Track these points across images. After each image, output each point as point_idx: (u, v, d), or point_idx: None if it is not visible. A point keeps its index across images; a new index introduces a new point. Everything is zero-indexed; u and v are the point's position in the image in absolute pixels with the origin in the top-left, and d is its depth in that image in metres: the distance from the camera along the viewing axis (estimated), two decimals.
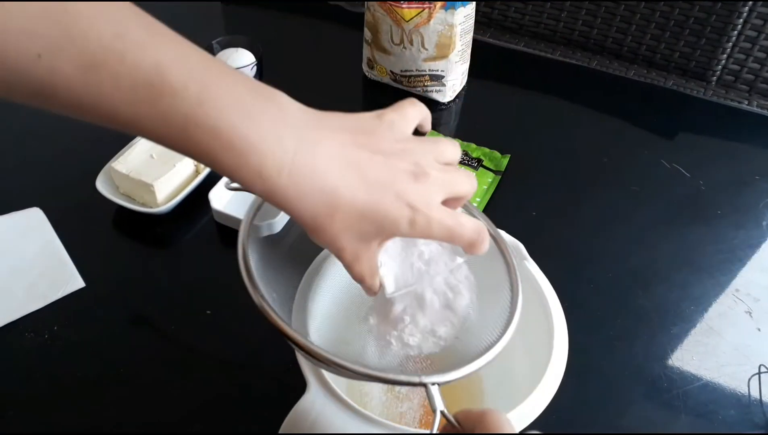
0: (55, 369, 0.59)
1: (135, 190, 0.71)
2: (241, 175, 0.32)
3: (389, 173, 0.35)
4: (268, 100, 0.33)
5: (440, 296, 0.47)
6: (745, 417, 0.57)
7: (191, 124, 0.31)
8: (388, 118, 0.38)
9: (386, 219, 0.35)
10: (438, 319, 0.45)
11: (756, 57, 0.92)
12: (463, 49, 0.84)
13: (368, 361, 0.44)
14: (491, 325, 0.45)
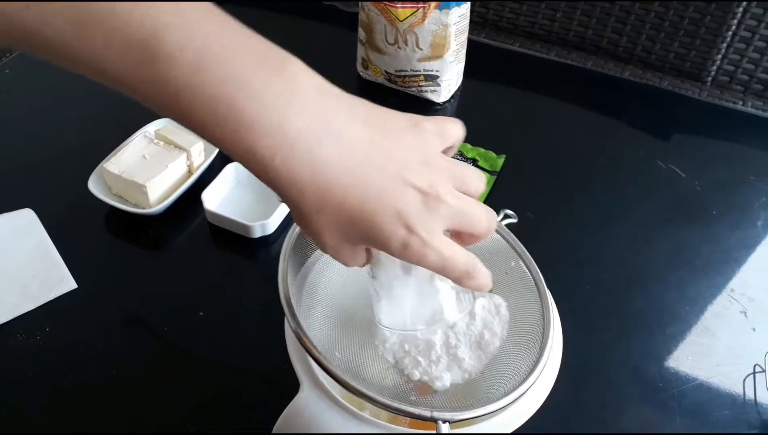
0: (46, 371, 0.59)
1: (127, 190, 0.71)
2: (233, 152, 0.30)
3: (398, 187, 0.32)
4: (277, 71, 0.30)
5: (472, 334, 0.47)
6: (740, 417, 0.57)
7: (185, 93, 0.28)
8: (422, 126, 0.34)
9: (377, 234, 0.32)
10: (467, 354, 0.46)
11: (750, 57, 0.92)
12: (457, 49, 0.84)
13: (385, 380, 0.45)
14: (516, 365, 0.45)
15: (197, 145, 0.74)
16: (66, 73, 0.99)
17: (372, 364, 0.45)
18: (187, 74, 0.28)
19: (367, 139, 0.32)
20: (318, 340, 0.41)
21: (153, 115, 0.80)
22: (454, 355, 0.46)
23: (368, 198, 0.31)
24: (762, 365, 0.60)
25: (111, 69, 0.28)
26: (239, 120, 0.29)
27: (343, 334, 0.48)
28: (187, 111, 0.29)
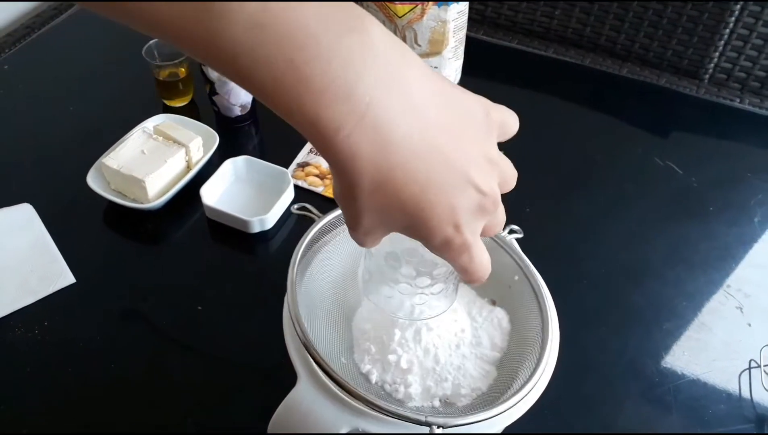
0: (45, 365, 0.59)
1: (126, 185, 0.71)
2: (295, 121, 0.27)
3: (460, 183, 0.29)
4: (349, 30, 0.26)
5: (476, 348, 0.48)
6: (735, 411, 0.57)
7: (243, 51, 0.25)
8: (495, 118, 0.32)
9: (424, 225, 0.30)
10: (472, 368, 0.47)
11: (748, 55, 0.93)
12: (456, 45, 0.84)
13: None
14: (513, 373, 0.46)
15: (196, 141, 0.74)
16: (65, 69, 0.99)
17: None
18: (245, 31, 0.24)
19: (440, 123, 0.28)
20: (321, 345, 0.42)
21: (152, 111, 0.80)
22: (462, 370, 0.47)
23: (429, 189, 0.29)
24: (757, 360, 0.60)
25: (168, 22, 0.25)
26: (302, 84, 0.25)
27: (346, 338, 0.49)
28: (246, 72, 0.26)
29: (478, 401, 0.47)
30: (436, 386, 0.47)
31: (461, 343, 0.49)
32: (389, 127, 0.27)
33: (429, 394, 0.47)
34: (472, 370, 0.48)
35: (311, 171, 0.77)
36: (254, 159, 0.75)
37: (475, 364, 0.49)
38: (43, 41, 0.97)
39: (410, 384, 0.47)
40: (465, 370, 0.48)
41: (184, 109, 0.85)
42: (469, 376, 0.48)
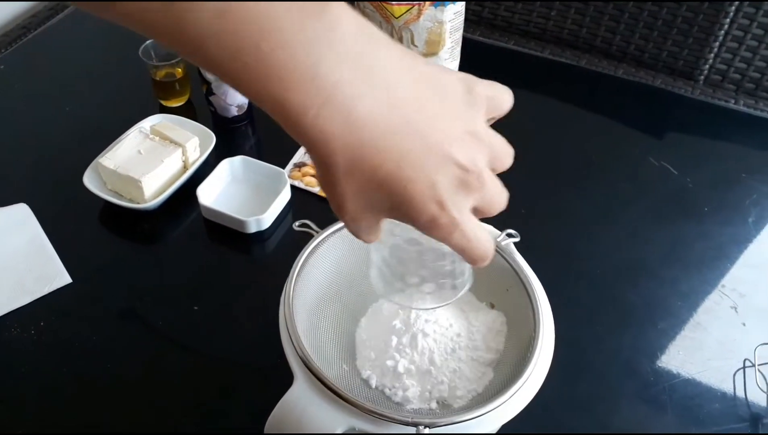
0: (41, 365, 0.59)
1: (122, 185, 0.71)
2: (263, 105, 0.27)
3: (438, 158, 0.29)
4: (315, 14, 0.26)
5: (472, 350, 0.49)
6: (730, 411, 0.58)
7: (210, 40, 0.25)
8: (476, 91, 0.31)
9: (407, 204, 0.29)
10: (468, 370, 0.48)
11: (743, 56, 0.93)
12: (452, 46, 0.84)
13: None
14: (505, 375, 0.47)
15: (192, 141, 0.74)
16: (61, 69, 0.99)
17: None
18: (211, 19, 0.25)
19: (412, 98, 0.28)
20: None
21: (149, 111, 0.80)
22: (458, 372, 0.48)
23: (405, 165, 0.28)
24: (752, 360, 0.61)
25: (136, 12, 0.26)
26: (268, 69, 0.26)
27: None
28: (214, 60, 0.26)
29: (473, 402, 0.47)
30: (433, 389, 0.48)
31: (457, 346, 0.50)
32: (356, 105, 0.27)
33: (426, 396, 0.48)
34: (468, 372, 0.49)
35: (308, 171, 0.77)
36: (251, 159, 0.75)
37: (471, 366, 0.49)
38: (40, 41, 0.97)
39: (408, 387, 0.48)
40: (461, 372, 0.49)
41: (181, 109, 0.85)
42: (464, 378, 0.49)
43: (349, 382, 0.48)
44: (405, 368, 0.48)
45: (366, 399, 0.41)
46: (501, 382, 0.47)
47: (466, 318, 0.52)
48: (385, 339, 0.49)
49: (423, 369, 0.48)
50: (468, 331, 0.51)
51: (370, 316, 0.53)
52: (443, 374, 0.48)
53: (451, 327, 0.50)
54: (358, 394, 0.44)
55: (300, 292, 0.48)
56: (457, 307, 0.52)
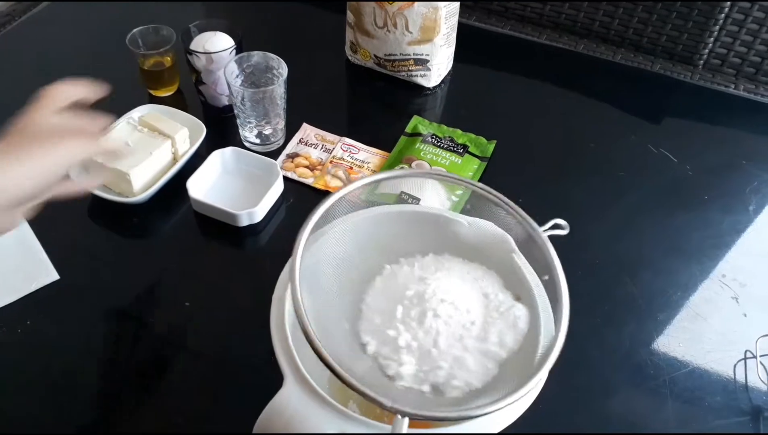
0: (28, 365, 0.58)
1: (110, 179, 0.69)
2: None
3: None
4: None
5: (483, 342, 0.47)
6: (731, 403, 0.57)
7: None
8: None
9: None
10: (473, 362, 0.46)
11: (743, 40, 0.92)
12: (448, 32, 0.82)
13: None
14: (512, 377, 0.45)
15: (182, 132, 0.72)
16: (46, 58, 0.97)
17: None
18: None
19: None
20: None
21: (137, 101, 0.78)
22: (459, 361, 0.46)
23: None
24: (753, 351, 0.60)
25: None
26: None
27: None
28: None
29: (468, 396, 0.46)
30: (430, 371, 0.46)
31: (466, 334, 0.48)
32: None
33: (421, 377, 0.46)
34: (471, 363, 0.47)
35: (301, 162, 0.76)
36: (242, 150, 0.73)
37: (475, 358, 0.47)
38: (24, 30, 0.95)
39: (403, 363, 0.46)
40: (463, 362, 0.47)
41: (171, 98, 0.83)
42: (465, 369, 0.47)
43: (347, 343, 0.46)
44: (406, 343, 0.46)
45: (357, 365, 0.39)
46: (504, 381, 0.46)
47: (486, 306, 0.50)
48: (394, 308, 0.47)
49: (425, 348, 0.46)
50: (484, 321, 0.49)
51: (384, 279, 0.51)
52: (444, 359, 0.47)
53: (467, 313, 0.48)
54: (351, 357, 0.43)
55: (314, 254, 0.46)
56: (482, 292, 0.50)
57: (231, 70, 0.73)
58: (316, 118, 0.80)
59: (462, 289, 0.49)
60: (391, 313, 0.47)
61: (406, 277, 0.50)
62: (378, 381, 0.43)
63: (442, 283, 0.48)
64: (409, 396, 0.43)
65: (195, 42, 0.76)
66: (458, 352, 0.47)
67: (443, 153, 0.76)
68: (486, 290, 0.50)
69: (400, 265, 0.51)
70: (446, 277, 0.49)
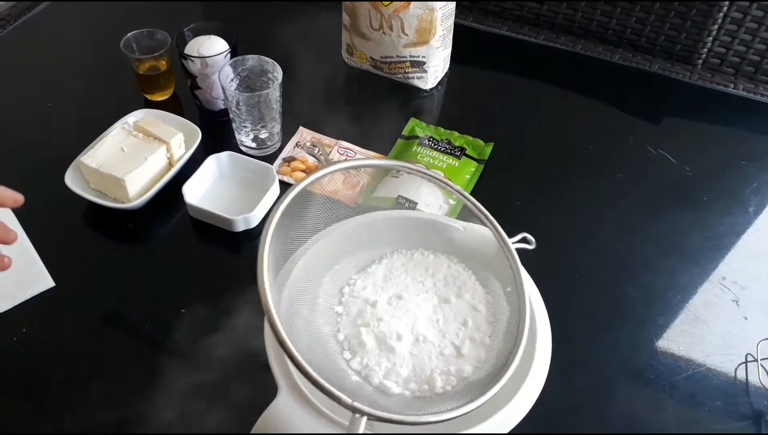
0: (24, 372, 0.57)
1: (105, 184, 0.69)
2: None
3: None
4: None
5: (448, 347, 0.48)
6: (732, 407, 0.57)
7: None
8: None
9: None
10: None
11: (742, 39, 0.91)
12: (444, 34, 0.82)
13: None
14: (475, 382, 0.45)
15: (177, 137, 0.72)
16: (41, 63, 0.96)
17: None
18: None
19: None
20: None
21: (132, 106, 0.78)
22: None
23: None
24: (754, 354, 0.59)
25: None
26: None
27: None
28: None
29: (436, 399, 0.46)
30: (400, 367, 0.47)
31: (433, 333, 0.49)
32: None
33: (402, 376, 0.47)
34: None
35: (297, 166, 0.75)
36: (238, 155, 0.73)
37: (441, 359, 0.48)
38: (18, 34, 0.94)
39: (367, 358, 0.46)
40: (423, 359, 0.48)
41: (166, 103, 0.83)
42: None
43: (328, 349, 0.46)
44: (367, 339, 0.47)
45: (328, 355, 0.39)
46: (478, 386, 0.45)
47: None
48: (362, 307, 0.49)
49: (389, 345, 0.48)
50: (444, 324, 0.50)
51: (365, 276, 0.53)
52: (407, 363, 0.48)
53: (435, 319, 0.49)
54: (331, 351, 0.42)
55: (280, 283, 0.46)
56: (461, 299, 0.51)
57: (226, 74, 0.72)
58: (312, 121, 0.80)
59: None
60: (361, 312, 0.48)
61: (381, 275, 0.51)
62: (347, 383, 0.44)
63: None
64: (374, 397, 0.43)
65: (189, 46, 0.76)
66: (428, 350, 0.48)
67: (440, 156, 0.75)
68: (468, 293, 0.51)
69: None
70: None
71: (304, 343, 0.43)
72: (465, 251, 0.54)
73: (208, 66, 0.74)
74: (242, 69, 0.74)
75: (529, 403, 0.45)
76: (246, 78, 0.75)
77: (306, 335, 0.46)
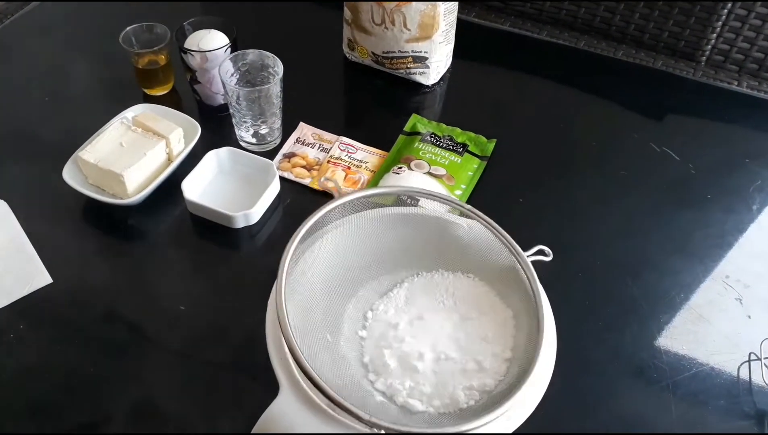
0: (21, 370, 0.57)
1: (104, 180, 0.68)
2: None
3: None
4: None
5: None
6: (735, 406, 0.56)
7: None
8: None
9: None
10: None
11: (746, 36, 0.90)
12: (447, 29, 0.81)
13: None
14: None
15: (177, 132, 0.71)
16: (39, 57, 0.96)
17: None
18: None
19: None
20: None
21: (131, 101, 0.77)
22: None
23: None
24: (757, 353, 0.59)
25: None
26: None
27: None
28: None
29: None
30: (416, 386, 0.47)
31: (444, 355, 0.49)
32: None
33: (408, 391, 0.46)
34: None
35: (298, 162, 0.75)
36: (238, 150, 0.72)
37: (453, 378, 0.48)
38: (16, 28, 0.93)
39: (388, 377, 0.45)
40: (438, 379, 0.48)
41: (165, 97, 0.82)
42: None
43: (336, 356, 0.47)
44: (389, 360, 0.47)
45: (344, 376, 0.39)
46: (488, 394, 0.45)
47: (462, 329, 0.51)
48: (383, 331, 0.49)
49: (407, 365, 0.47)
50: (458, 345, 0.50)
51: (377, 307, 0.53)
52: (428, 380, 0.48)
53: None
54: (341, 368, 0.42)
55: (291, 289, 0.46)
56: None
57: (226, 68, 0.71)
58: (313, 117, 0.79)
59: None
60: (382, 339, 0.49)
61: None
62: (361, 395, 0.43)
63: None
64: (388, 411, 0.43)
65: (189, 40, 0.75)
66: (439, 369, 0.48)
67: (442, 152, 0.75)
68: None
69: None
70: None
71: (327, 366, 0.43)
72: (482, 265, 0.54)
73: (208, 60, 0.74)
74: (242, 63, 0.73)
75: (534, 401, 0.45)
76: (246, 73, 0.74)
77: (329, 359, 0.46)
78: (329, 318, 0.49)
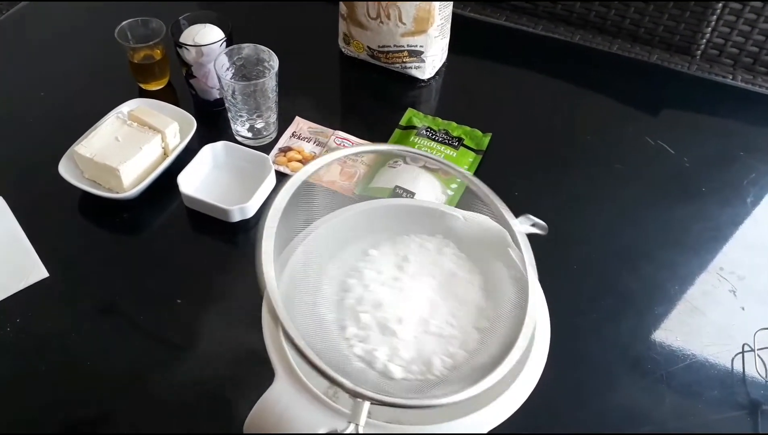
0: (18, 363, 0.57)
1: (100, 174, 0.68)
2: None
3: None
4: None
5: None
6: (728, 397, 0.57)
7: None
8: None
9: None
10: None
11: (740, 30, 0.91)
12: (442, 23, 0.81)
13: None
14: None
15: (172, 126, 0.71)
16: (35, 52, 0.96)
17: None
18: None
19: None
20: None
21: (126, 95, 0.77)
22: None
23: None
24: (751, 344, 0.59)
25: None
26: None
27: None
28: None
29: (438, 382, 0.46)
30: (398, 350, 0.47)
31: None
32: None
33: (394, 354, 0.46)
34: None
35: (293, 156, 0.75)
36: (234, 144, 0.72)
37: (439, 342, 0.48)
38: (11, 23, 0.93)
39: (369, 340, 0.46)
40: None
41: (161, 92, 0.82)
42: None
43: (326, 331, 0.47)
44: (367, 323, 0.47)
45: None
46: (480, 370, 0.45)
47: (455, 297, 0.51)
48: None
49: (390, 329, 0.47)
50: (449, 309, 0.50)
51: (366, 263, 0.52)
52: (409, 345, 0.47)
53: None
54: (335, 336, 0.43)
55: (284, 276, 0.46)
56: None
57: (221, 63, 0.71)
58: (308, 111, 0.79)
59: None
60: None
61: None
62: (350, 369, 0.43)
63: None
64: (378, 383, 0.43)
65: (185, 35, 0.75)
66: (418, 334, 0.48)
67: (438, 146, 0.75)
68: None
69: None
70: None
71: (306, 330, 0.43)
72: (468, 237, 0.53)
73: (204, 55, 0.74)
74: (238, 58, 0.73)
75: (526, 392, 0.45)
76: (242, 67, 0.74)
77: (308, 322, 0.45)
78: (307, 279, 0.49)
